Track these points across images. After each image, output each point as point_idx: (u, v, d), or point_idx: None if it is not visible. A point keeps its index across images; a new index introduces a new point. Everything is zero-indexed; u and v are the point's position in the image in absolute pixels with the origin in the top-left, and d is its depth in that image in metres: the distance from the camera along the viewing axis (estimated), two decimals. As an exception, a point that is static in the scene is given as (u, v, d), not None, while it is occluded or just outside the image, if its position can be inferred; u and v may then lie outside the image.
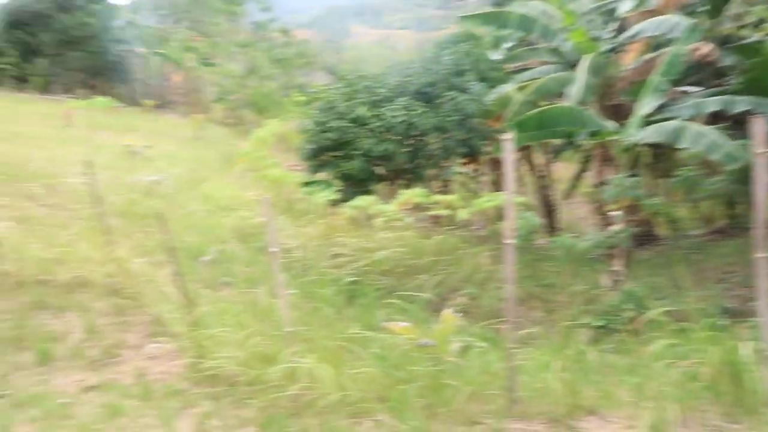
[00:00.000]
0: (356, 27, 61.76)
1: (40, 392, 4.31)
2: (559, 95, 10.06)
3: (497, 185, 12.11)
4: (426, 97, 10.82)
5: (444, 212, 8.52)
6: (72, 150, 12.72)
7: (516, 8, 11.37)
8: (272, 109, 26.07)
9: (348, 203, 8.99)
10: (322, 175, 10.94)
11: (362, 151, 10.15)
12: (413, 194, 8.59)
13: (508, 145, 3.78)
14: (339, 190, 9.93)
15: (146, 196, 9.88)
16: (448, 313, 4.51)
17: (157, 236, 7.99)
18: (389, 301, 5.76)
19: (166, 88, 29.29)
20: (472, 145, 10.97)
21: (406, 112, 10.22)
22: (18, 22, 25.68)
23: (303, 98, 19.61)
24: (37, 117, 17.72)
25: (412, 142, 10.64)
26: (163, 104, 28.30)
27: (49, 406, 4.07)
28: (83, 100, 17.18)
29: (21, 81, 27.31)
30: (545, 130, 9.08)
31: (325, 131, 10.49)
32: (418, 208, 8.98)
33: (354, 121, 10.30)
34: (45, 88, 26.95)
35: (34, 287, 5.99)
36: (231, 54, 31.04)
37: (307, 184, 10.59)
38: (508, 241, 3.78)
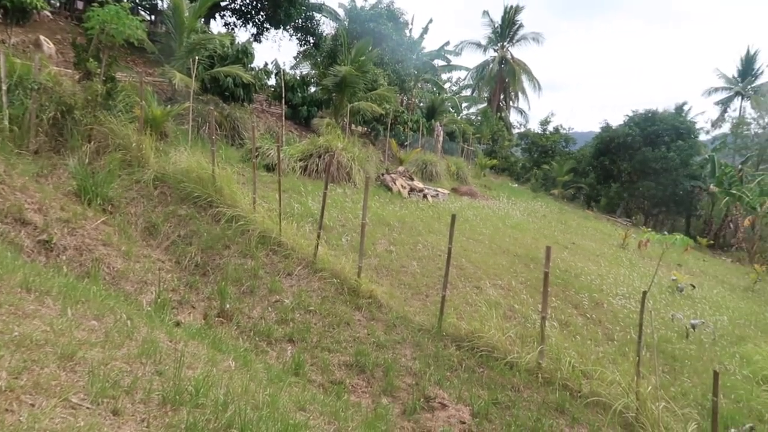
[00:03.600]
0: None
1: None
2: None
3: None
4: None
5: None
6: (620, 272, 13.45)
7: None
8: None
9: None
10: None
11: None
12: None
13: None
14: None
15: (682, 338, 9.44)
16: None
17: (686, 385, 7.51)
18: None
19: (726, 230, 27.58)
20: None
21: None
22: (605, 150, 29.36)
23: None
24: (598, 235, 19.60)
25: None
26: (718, 245, 26.76)
27: None
28: (652, 231, 17.99)
29: (590, 200, 31.03)
30: None
31: None
32: None
33: None
34: (608, 210, 29.71)
35: (560, 390, 6.50)
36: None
37: None
38: None
